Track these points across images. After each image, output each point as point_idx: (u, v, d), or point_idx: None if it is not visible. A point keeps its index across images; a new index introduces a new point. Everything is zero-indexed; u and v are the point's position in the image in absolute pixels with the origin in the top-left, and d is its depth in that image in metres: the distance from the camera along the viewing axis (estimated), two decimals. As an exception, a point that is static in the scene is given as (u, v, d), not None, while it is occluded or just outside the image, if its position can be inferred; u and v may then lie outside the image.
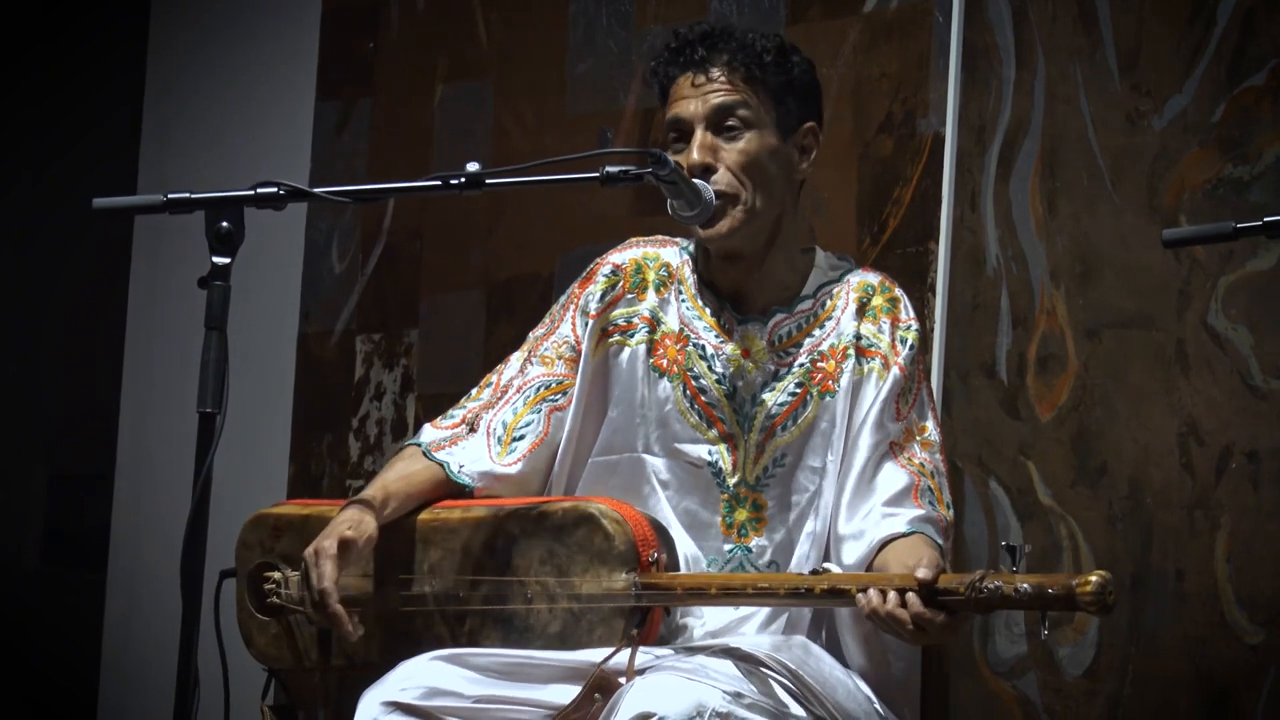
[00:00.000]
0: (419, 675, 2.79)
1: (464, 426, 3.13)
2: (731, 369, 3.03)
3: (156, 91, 4.89)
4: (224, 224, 2.60)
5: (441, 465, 3.08)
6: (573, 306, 3.13)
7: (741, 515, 3.02)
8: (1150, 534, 3.29)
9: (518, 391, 3.12)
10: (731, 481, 3.01)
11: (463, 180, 2.72)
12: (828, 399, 3.00)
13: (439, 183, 2.73)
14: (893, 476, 2.97)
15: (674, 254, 3.14)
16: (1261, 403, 3.21)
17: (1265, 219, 2.65)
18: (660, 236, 3.19)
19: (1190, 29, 3.34)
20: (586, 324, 3.10)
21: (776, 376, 3.02)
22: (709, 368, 3.03)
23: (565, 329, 3.12)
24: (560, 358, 3.11)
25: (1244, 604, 3.20)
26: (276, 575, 3.09)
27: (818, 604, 2.85)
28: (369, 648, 3.02)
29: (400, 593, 3.00)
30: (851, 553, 2.93)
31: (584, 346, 3.09)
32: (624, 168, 2.86)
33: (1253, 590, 3.19)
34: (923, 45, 3.60)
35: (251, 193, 2.65)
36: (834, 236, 3.65)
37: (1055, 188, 3.45)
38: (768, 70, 3.01)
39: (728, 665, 2.77)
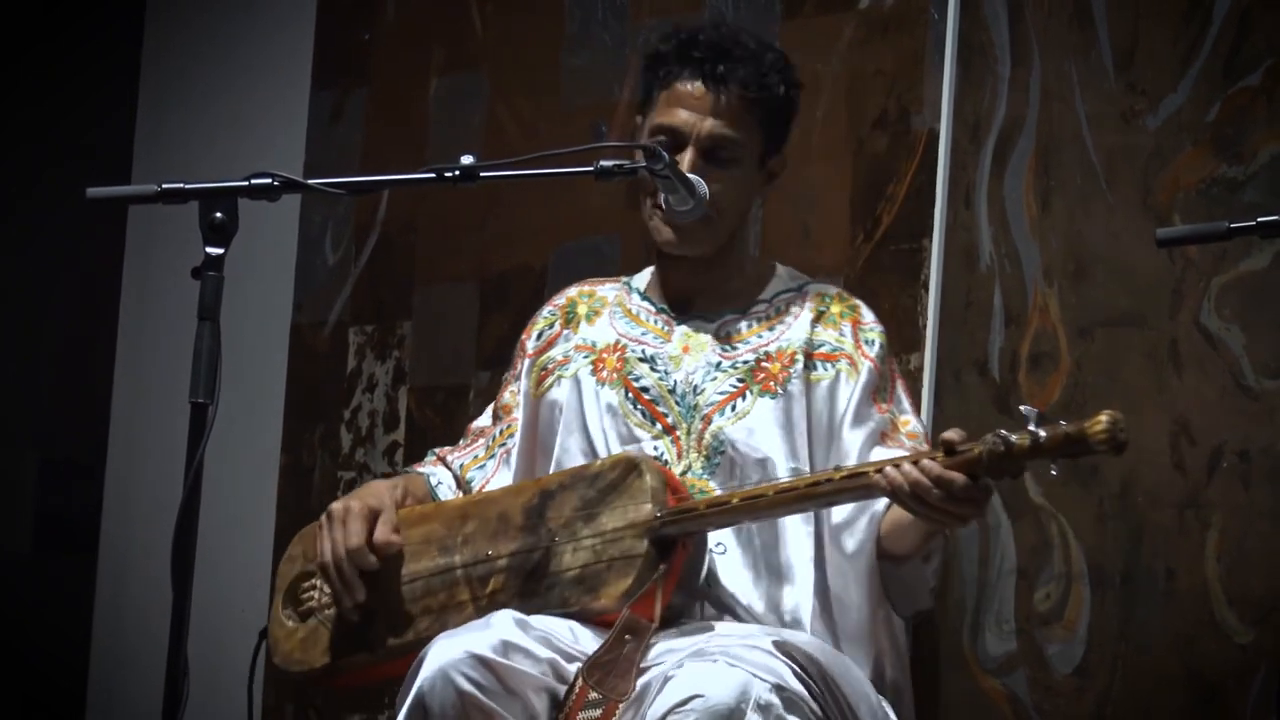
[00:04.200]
0: (501, 628, 2.78)
1: (440, 461, 3.21)
2: (672, 365, 3.06)
3: (152, 82, 4.88)
4: (218, 214, 2.60)
5: (424, 476, 3.17)
6: (520, 353, 3.22)
7: None
8: (1141, 532, 3.29)
9: (481, 437, 3.23)
10: (677, 471, 3.02)
11: (457, 173, 2.72)
12: (767, 398, 3.02)
13: (433, 175, 2.74)
14: (888, 456, 2.97)
15: (611, 289, 3.22)
16: (1254, 403, 3.22)
17: (1259, 219, 2.66)
18: (603, 277, 3.25)
19: (1186, 28, 3.34)
20: (528, 365, 3.16)
21: (719, 368, 3.05)
22: (650, 368, 3.07)
23: (517, 378, 3.19)
24: (516, 405, 3.18)
25: (1234, 603, 3.20)
26: (315, 580, 3.11)
27: (840, 494, 2.81)
28: (394, 633, 3.02)
29: (429, 563, 3.01)
30: (851, 539, 2.94)
31: (524, 385, 3.15)
32: (618, 161, 2.88)
33: (1243, 589, 3.20)
34: (918, 42, 3.60)
35: (245, 183, 2.65)
36: (827, 233, 3.65)
37: (1049, 186, 3.45)
38: (771, 102, 3.05)
39: (768, 659, 2.76)
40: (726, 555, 2.99)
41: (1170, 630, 3.25)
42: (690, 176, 2.95)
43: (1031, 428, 2.55)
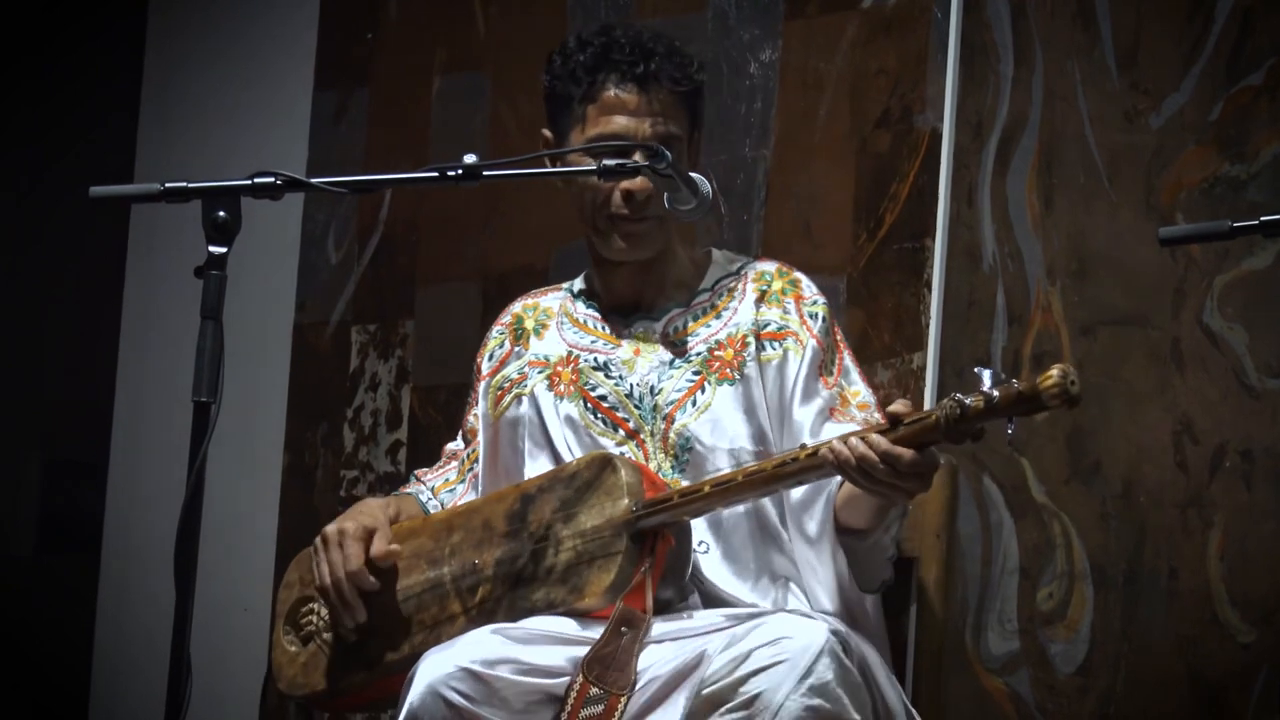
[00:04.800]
0: (486, 643, 2.79)
1: (420, 482, 3.26)
2: (626, 369, 3.05)
3: (155, 81, 4.89)
4: (221, 213, 2.60)
5: (413, 495, 3.20)
6: (476, 375, 3.25)
7: None
8: (1143, 532, 3.29)
9: (454, 460, 3.25)
10: None
11: (460, 172, 2.72)
12: (726, 386, 3.02)
13: (436, 174, 2.73)
14: (836, 432, 2.96)
15: (554, 298, 3.21)
16: (1256, 402, 3.22)
17: (1262, 218, 2.65)
18: (548, 287, 3.23)
19: (1189, 27, 3.34)
20: (484, 386, 3.16)
21: (672, 365, 3.05)
22: (605, 375, 3.06)
23: (475, 401, 3.20)
24: (478, 429, 3.19)
25: (1236, 603, 3.20)
26: (313, 605, 3.11)
27: (807, 472, 2.80)
28: (390, 649, 3.01)
29: (419, 577, 3.01)
30: (812, 521, 2.94)
31: (482, 407, 3.15)
32: (620, 161, 2.87)
33: (1245, 589, 3.20)
34: (921, 41, 3.60)
35: (248, 182, 2.64)
36: (830, 232, 3.65)
37: (1052, 185, 3.45)
38: (698, 92, 3.06)
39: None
40: (709, 554, 2.99)
41: (1173, 630, 3.25)
42: (693, 175, 2.94)
43: (985, 388, 2.56)
